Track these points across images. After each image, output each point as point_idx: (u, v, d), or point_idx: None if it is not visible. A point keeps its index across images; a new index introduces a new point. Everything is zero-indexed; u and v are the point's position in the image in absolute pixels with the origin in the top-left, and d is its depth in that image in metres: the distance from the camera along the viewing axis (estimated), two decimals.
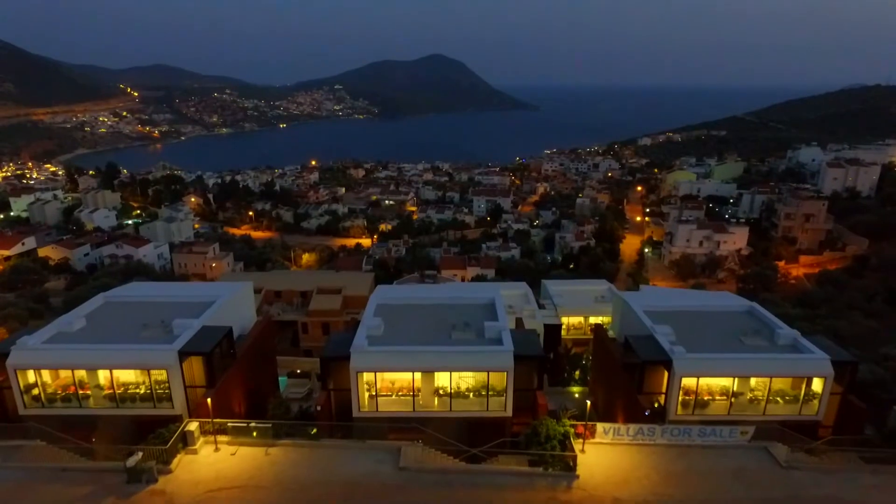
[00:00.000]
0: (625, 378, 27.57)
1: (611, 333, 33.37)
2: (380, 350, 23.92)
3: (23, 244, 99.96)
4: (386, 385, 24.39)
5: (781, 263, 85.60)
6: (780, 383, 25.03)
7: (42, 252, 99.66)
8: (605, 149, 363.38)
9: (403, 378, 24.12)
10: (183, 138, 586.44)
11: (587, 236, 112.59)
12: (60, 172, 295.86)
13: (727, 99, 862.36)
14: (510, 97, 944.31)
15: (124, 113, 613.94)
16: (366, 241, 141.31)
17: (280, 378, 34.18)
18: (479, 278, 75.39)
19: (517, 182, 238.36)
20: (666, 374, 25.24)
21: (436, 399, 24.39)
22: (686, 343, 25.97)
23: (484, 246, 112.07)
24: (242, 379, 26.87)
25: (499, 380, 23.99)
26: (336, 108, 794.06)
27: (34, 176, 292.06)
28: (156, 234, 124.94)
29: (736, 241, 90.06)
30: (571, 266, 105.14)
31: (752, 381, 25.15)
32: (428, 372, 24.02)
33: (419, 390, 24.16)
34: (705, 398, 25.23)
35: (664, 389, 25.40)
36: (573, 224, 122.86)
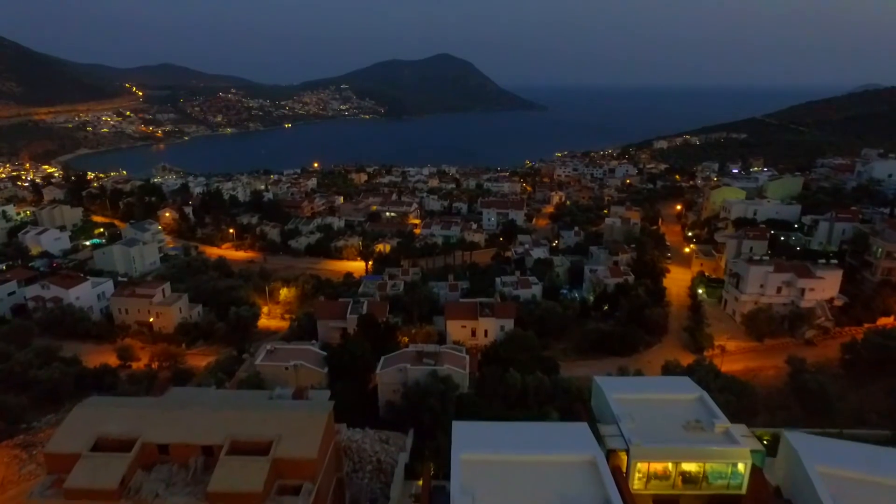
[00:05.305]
0: None
1: None
2: None
3: None
4: None
5: (890, 321, 65.46)
6: None
7: None
8: (620, 152, 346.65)
9: None
10: (186, 138, 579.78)
11: (623, 269, 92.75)
12: (58, 174, 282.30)
13: (737, 99, 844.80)
14: (518, 97, 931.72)
15: (128, 112, 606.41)
16: (359, 266, 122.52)
17: None
18: (497, 357, 55.72)
19: (528, 189, 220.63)
20: None
21: None
22: None
23: (498, 281, 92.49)
24: None
25: None
26: (342, 107, 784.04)
27: (30, 177, 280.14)
28: (112, 261, 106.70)
29: (825, 287, 69.75)
30: (606, 308, 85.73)
31: None
32: None
33: None
34: None
35: None
36: (604, 252, 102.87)
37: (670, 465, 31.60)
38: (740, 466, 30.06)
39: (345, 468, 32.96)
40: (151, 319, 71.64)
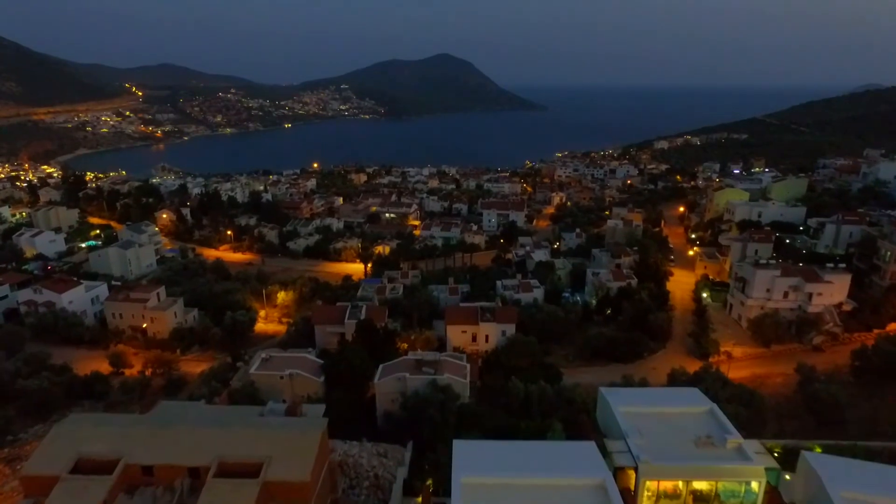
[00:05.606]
0: None
1: None
2: None
3: None
4: None
5: None
6: None
7: None
8: (621, 153, 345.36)
9: None
10: (186, 139, 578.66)
11: (626, 272, 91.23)
12: (56, 174, 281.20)
13: (737, 99, 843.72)
14: (518, 97, 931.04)
15: (127, 112, 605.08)
16: (358, 268, 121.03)
17: None
18: (498, 364, 54.32)
19: (529, 189, 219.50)
20: None
21: None
22: None
23: (499, 284, 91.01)
24: None
25: None
26: (342, 107, 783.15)
27: (29, 178, 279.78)
28: (108, 264, 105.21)
29: (834, 292, 68.30)
30: (608, 312, 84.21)
31: None
32: None
33: None
34: None
35: None
36: (606, 255, 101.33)
37: (681, 484, 30.24)
38: (754, 485, 28.74)
39: (340, 488, 31.54)
40: (145, 324, 70.19)
